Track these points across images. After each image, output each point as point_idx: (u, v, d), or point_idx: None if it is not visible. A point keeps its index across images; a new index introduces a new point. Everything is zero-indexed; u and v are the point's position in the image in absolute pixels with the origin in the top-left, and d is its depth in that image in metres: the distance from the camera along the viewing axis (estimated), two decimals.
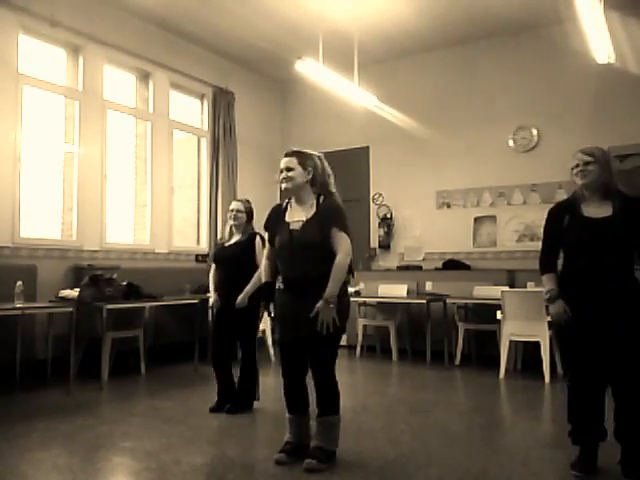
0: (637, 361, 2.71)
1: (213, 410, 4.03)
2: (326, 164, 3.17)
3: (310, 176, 3.05)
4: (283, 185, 3.05)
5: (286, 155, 3.09)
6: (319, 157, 3.16)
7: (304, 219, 2.99)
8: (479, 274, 6.53)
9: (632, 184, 5.74)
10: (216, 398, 4.13)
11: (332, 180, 3.17)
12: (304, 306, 2.88)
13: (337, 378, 3.05)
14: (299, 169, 3.03)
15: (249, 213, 4.19)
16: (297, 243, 2.94)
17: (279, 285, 3.05)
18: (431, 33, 6.71)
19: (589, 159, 2.87)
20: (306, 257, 2.91)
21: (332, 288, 2.86)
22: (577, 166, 2.90)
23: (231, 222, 4.17)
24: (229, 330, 4.09)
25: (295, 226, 2.99)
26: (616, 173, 2.95)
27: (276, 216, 3.11)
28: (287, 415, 3.10)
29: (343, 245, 2.92)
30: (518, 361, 5.69)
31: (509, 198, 6.72)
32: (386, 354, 6.53)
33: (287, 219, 3.05)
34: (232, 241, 4.16)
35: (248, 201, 4.26)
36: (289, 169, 3.03)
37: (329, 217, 2.96)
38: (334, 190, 3.14)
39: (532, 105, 6.60)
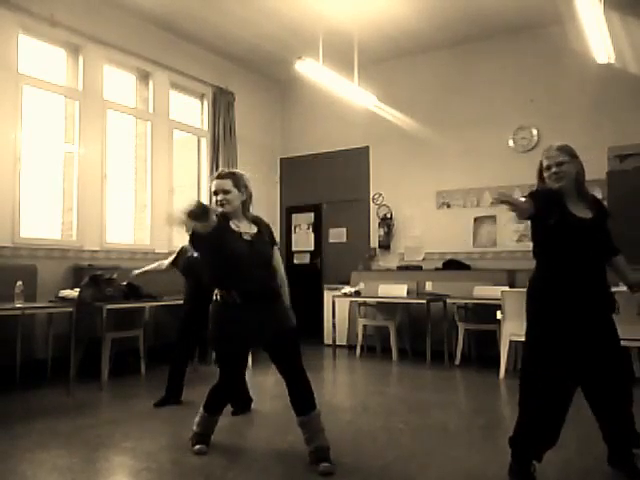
0: (621, 365, 2.66)
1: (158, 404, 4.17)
2: (250, 184, 3.13)
3: (244, 197, 3.04)
4: (220, 209, 2.97)
5: (219, 177, 3.04)
6: (247, 178, 3.12)
7: (252, 232, 3.01)
8: (479, 274, 6.53)
9: (632, 184, 5.77)
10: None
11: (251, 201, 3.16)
12: (268, 312, 2.95)
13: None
14: (235, 191, 3.00)
15: None
16: (257, 254, 2.96)
17: (235, 299, 2.91)
18: (431, 33, 6.71)
19: (564, 159, 2.62)
20: (265, 268, 3.00)
21: (288, 299, 3.12)
22: (549, 168, 2.63)
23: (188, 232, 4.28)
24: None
25: (248, 237, 2.97)
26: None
27: (220, 224, 2.89)
28: (205, 414, 3.16)
29: (281, 263, 3.18)
30: (518, 361, 5.68)
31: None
32: (386, 354, 6.53)
33: (235, 229, 2.96)
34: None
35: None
36: (225, 192, 2.98)
37: (272, 236, 3.14)
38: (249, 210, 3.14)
39: (532, 105, 6.60)
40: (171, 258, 4.56)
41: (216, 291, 3.00)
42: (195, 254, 4.20)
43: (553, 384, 2.60)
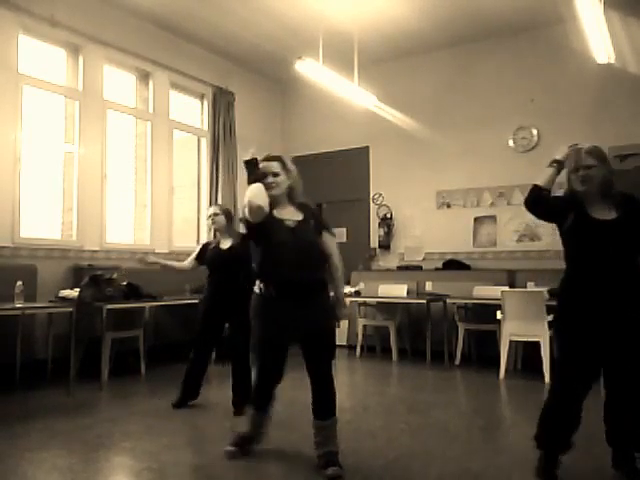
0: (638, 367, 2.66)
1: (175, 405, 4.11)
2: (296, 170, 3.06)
3: (291, 181, 2.96)
4: (271, 191, 2.89)
5: (267, 159, 2.98)
6: (293, 163, 3.07)
7: (296, 219, 2.88)
8: (479, 274, 6.53)
9: (632, 184, 5.76)
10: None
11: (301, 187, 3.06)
12: (306, 307, 2.81)
13: (337, 377, 3.03)
14: (283, 175, 2.94)
15: (227, 214, 4.28)
16: (302, 241, 2.82)
17: (271, 293, 2.85)
18: (431, 33, 6.71)
19: (592, 163, 2.65)
20: (311, 257, 2.83)
21: (341, 288, 2.97)
22: (577, 170, 2.67)
23: (213, 227, 4.32)
24: (220, 331, 4.21)
25: (291, 224, 2.86)
26: (614, 172, 2.76)
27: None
28: (253, 411, 3.09)
29: (335, 248, 2.97)
30: (518, 361, 5.69)
31: (509, 198, 6.72)
32: (386, 354, 6.53)
33: (277, 215, 2.88)
34: (225, 246, 4.18)
35: (224, 205, 4.53)
36: (275, 174, 2.92)
37: (320, 221, 2.98)
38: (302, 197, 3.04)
39: (532, 105, 6.60)
40: (194, 255, 4.42)
41: (257, 282, 2.92)
42: (223, 246, 4.20)
43: (568, 380, 2.69)
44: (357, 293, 6.61)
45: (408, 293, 6.64)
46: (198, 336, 4.25)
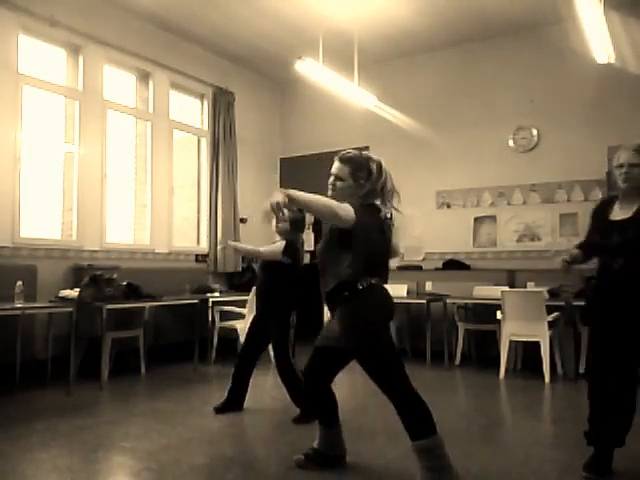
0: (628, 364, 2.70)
1: (219, 410, 3.97)
2: (385, 175, 2.76)
3: (364, 190, 2.67)
4: (329, 192, 2.69)
5: (340, 159, 2.73)
6: (379, 165, 2.76)
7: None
8: (479, 274, 6.53)
9: None
10: (225, 398, 4.03)
11: (387, 192, 2.75)
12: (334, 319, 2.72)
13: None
14: (349, 181, 2.69)
15: (293, 223, 3.90)
16: (319, 252, 2.77)
17: None
18: (431, 33, 6.71)
19: (637, 162, 2.64)
20: (321, 265, 2.73)
21: (302, 194, 2.54)
22: (621, 166, 2.68)
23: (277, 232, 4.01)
24: (263, 332, 4.02)
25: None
26: None
27: None
28: (320, 426, 2.99)
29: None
30: (518, 361, 5.70)
31: (509, 198, 6.71)
32: None
33: None
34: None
35: (300, 210, 3.78)
36: (338, 178, 2.70)
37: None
38: (379, 202, 2.72)
39: (532, 105, 6.60)
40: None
41: None
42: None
43: (599, 375, 2.80)
44: None
45: (408, 293, 6.64)
46: (245, 343, 4.14)
